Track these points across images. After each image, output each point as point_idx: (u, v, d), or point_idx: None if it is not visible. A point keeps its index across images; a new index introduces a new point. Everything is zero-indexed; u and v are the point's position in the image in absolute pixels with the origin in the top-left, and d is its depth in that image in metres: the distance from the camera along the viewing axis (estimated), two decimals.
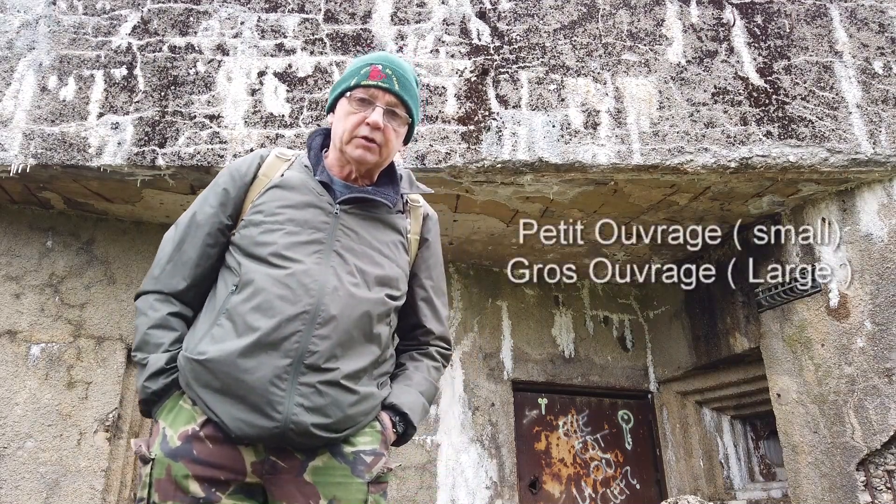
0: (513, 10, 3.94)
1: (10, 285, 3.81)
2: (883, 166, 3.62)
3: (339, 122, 1.65)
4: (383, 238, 1.64)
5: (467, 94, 3.72)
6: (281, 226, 1.55)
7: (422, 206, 1.80)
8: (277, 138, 3.56)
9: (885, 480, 3.46)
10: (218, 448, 1.42)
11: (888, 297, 3.51)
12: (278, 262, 1.50)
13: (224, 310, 1.50)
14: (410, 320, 1.75)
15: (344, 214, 1.60)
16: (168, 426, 1.46)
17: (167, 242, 1.66)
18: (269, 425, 1.39)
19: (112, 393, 3.80)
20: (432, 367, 1.72)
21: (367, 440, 1.52)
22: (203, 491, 1.39)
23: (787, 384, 3.95)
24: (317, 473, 1.44)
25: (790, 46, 3.92)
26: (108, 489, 3.70)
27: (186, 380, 1.48)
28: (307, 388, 1.42)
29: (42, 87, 3.61)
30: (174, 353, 1.53)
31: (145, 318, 1.57)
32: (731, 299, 4.46)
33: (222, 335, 1.46)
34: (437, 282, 1.81)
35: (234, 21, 3.84)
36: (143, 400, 1.52)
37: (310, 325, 1.44)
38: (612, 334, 5.25)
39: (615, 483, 4.94)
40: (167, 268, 1.61)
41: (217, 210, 1.63)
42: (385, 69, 1.63)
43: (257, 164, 1.68)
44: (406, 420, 1.59)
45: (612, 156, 3.60)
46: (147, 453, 1.44)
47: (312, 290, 1.47)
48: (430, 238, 1.79)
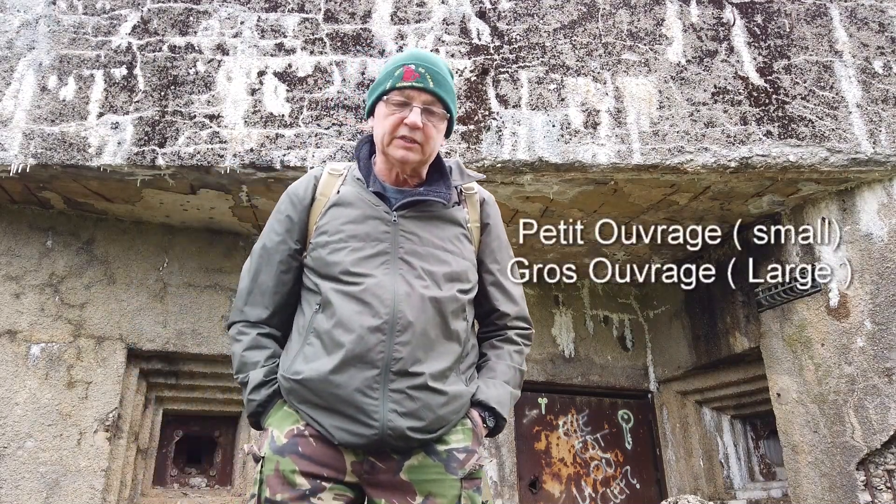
0: (513, 10, 3.94)
1: (10, 285, 3.81)
2: (883, 166, 3.62)
3: (379, 125, 1.69)
4: (444, 234, 1.68)
5: (467, 93, 3.72)
6: (345, 243, 1.61)
7: (476, 192, 1.82)
8: (277, 138, 3.56)
9: (885, 480, 3.46)
10: (321, 447, 1.52)
11: (888, 296, 3.51)
12: (349, 279, 1.57)
13: (312, 329, 1.58)
14: (484, 307, 1.78)
15: (402, 220, 1.64)
16: (275, 428, 1.56)
17: (246, 274, 1.74)
18: (369, 433, 1.48)
19: (112, 393, 3.80)
20: (514, 352, 1.76)
21: (458, 438, 1.58)
22: (308, 483, 1.48)
23: (787, 384, 3.95)
24: (412, 472, 1.52)
25: (790, 46, 3.92)
26: (108, 489, 3.70)
27: (287, 395, 1.58)
28: (398, 395, 1.50)
29: (42, 87, 3.60)
30: (271, 366, 1.63)
31: (238, 343, 1.68)
32: (730, 299, 4.46)
33: (313, 353, 1.55)
34: (503, 264, 1.83)
35: (234, 21, 3.84)
36: (251, 412, 1.62)
37: (390, 334, 1.51)
38: (612, 334, 5.25)
39: (615, 483, 4.94)
40: (249, 298, 1.71)
41: (284, 237, 1.70)
42: (418, 68, 1.66)
43: (314, 185, 1.73)
44: (495, 414, 1.64)
45: (612, 155, 3.60)
46: (258, 452, 1.55)
47: (387, 300, 1.53)
48: (491, 222, 1.82)
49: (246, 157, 3.50)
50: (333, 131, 3.60)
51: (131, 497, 3.90)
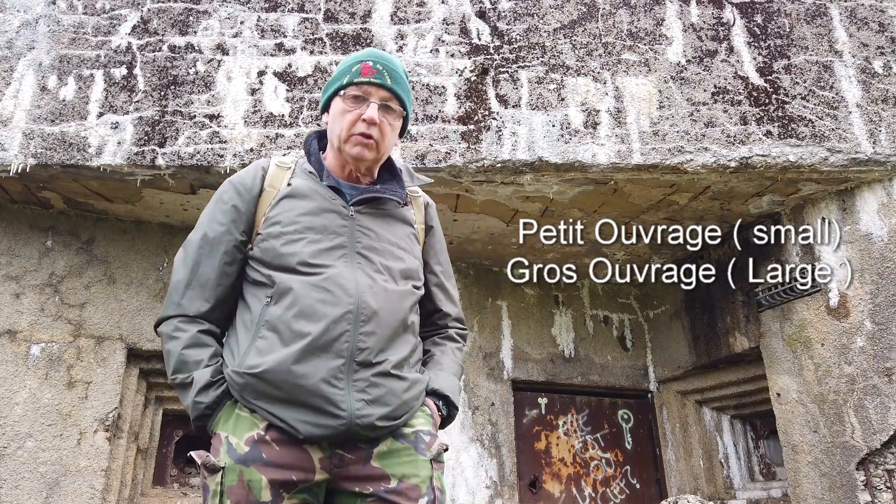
0: (513, 10, 3.94)
1: (10, 285, 3.81)
2: (883, 166, 3.62)
3: (336, 121, 1.67)
4: (398, 232, 1.68)
5: (467, 93, 3.72)
6: (301, 235, 1.57)
7: (421, 196, 1.85)
8: (277, 138, 3.56)
9: (884, 480, 3.46)
10: (286, 450, 1.46)
11: (888, 296, 3.51)
12: (309, 269, 1.54)
13: (263, 321, 1.52)
14: (427, 307, 1.80)
15: (359, 215, 1.64)
16: (230, 434, 1.48)
17: (180, 265, 1.65)
18: (336, 423, 1.44)
19: (112, 393, 3.80)
20: (455, 349, 1.80)
21: (422, 422, 1.59)
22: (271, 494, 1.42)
23: (787, 384, 3.95)
24: (383, 457, 1.50)
25: (790, 46, 3.92)
26: (108, 489, 3.70)
27: (240, 393, 1.50)
28: (363, 383, 1.48)
29: (42, 87, 3.60)
30: (216, 365, 1.55)
31: (176, 340, 1.57)
32: (730, 299, 4.46)
33: (268, 346, 1.49)
34: (445, 266, 1.86)
35: (234, 20, 3.83)
36: (198, 416, 1.53)
37: (355, 324, 1.49)
38: (612, 334, 5.25)
39: (615, 482, 4.94)
40: (187, 292, 1.61)
41: (229, 227, 1.63)
42: (376, 65, 1.66)
43: (262, 176, 1.69)
44: (448, 402, 1.67)
45: (612, 155, 3.60)
46: (215, 462, 1.46)
47: (350, 290, 1.51)
48: (434, 225, 1.85)
49: (246, 157, 3.50)
50: None
51: (131, 497, 3.90)
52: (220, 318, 1.63)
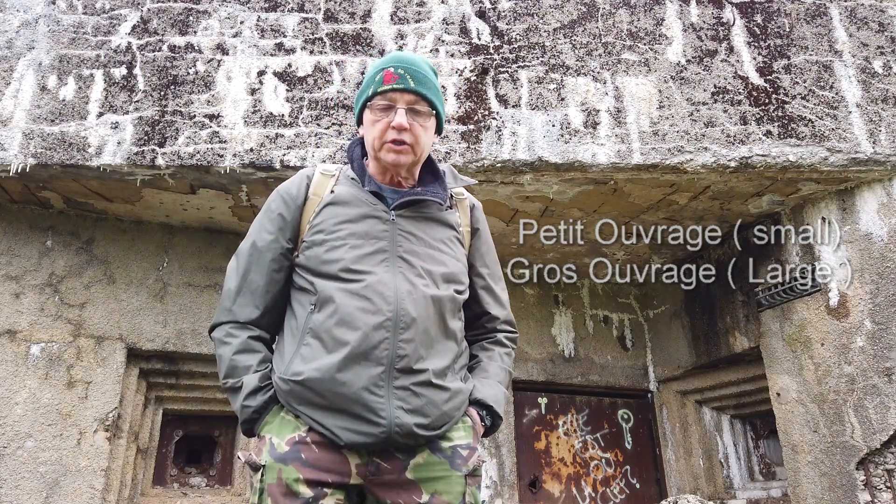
0: (512, 10, 3.94)
1: (9, 285, 3.81)
2: (883, 165, 3.62)
3: (368, 132, 1.70)
4: (440, 236, 1.69)
5: (467, 93, 3.72)
6: (343, 241, 1.60)
7: (467, 198, 1.85)
8: (277, 138, 3.56)
9: (884, 479, 3.46)
10: (324, 452, 1.50)
11: (888, 296, 3.51)
12: (350, 276, 1.56)
13: (308, 329, 1.55)
14: (474, 310, 1.80)
15: (400, 219, 1.65)
16: (274, 436, 1.53)
17: (232, 273, 1.70)
18: (376, 431, 1.46)
19: (112, 392, 3.80)
20: (504, 354, 1.79)
21: (461, 435, 1.59)
22: (311, 491, 1.46)
23: (787, 383, 3.95)
24: (418, 470, 1.52)
25: (790, 46, 3.92)
26: (108, 489, 3.70)
27: (285, 398, 1.55)
28: (403, 392, 1.49)
29: (42, 87, 3.60)
30: (264, 371, 1.59)
31: (227, 346, 1.62)
32: (730, 299, 4.46)
33: (312, 354, 1.52)
34: (492, 268, 1.86)
35: (234, 20, 3.83)
36: (246, 419, 1.58)
37: (394, 331, 1.51)
38: (611, 334, 5.25)
39: (615, 482, 4.94)
40: (238, 299, 1.66)
41: (276, 235, 1.68)
42: (397, 70, 1.67)
43: (306, 185, 1.72)
44: (492, 412, 1.67)
45: (612, 155, 3.60)
46: (257, 461, 1.52)
47: (389, 297, 1.53)
48: (481, 227, 1.85)
49: (246, 157, 3.50)
50: (333, 131, 3.59)
51: (131, 497, 3.90)
52: (271, 324, 1.67)
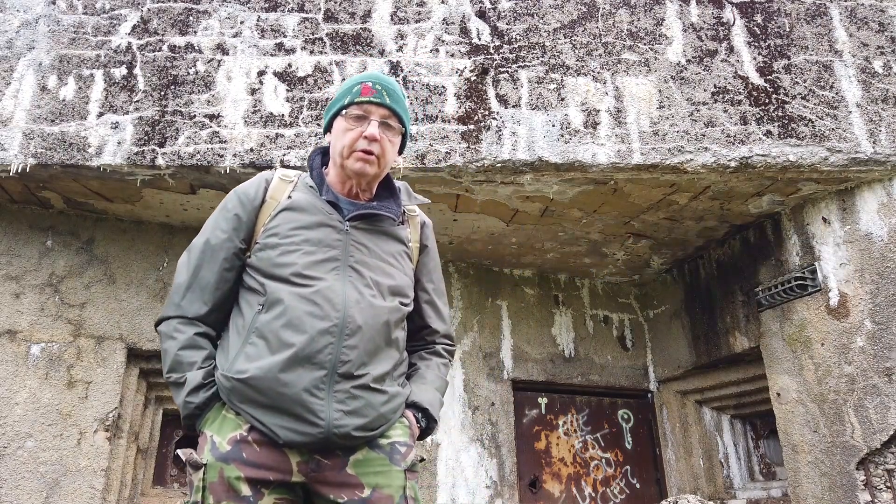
0: (513, 10, 3.94)
1: (10, 285, 3.81)
2: (883, 165, 3.62)
3: (338, 139, 1.75)
4: (390, 249, 1.75)
5: (467, 93, 3.72)
6: (297, 247, 1.64)
7: (418, 215, 1.92)
8: (277, 138, 3.56)
9: (884, 479, 3.46)
10: (265, 451, 1.53)
11: (888, 296, 3.51)
12: (301, 280, 1.60)
13: (254, 328, 1.59)
14: (417, 322, 1.87)
15: (354, 230, 1.70)
16: (215, 434, 1.56)
17: (183, 268, 1.72)
18: (314, 431, 1.50)
19: (112, 392, 3.80)
20: (441, 364, 1.87)
21: (399, 433, 1.65)
22: (251, 490, 1.50)
23: (787, 383, 3.95)
24: (358, 465, 1.57)
25: (790, 46, 3.92)
26: (108, 488, 3.70)
27: (227, 395, 1.58)
28: (343, 395, 1.54)
29: (42, 87, 3.60)
30: (209, 368, 1.62)
31: (173, 340, 1.65)
32: (730, 299, 4.46)
33: (256, 353, 1.56)
34: (437, 284, 1.94)
35: (234, 20, 3.83)
36: (188, 415, 1.62)
37: (339, 337, 1.55)
38: (611, 334, 5.25)
39: (615, 482, 4.94)
40: (187, 294, 1.68)
41: (230, 234, 1.71)
42: (375, 85, 1.75)
43: (264, 188, 1.76)
44: (427, 415, 1.73)
45: (612, 155, 3.60)
46: (198, 459, 1.55)
47: (338, 304, 1.58)
48: (429, 244, 1.93)
49: (246, 157, 3.50)
50: None
51: (131, 497, 3.90)
52: (217, 321, 1.70)
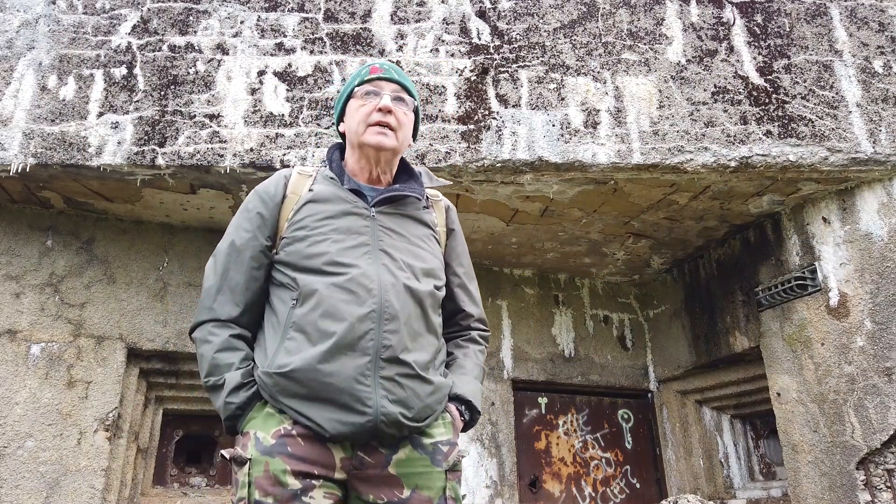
0: (513, 10, 3.94)
1: (10, 284, 3.81)
2: (883, 165, 3.62)
3: (352, 117, 1.77)
4: (418, 233, 1.74)
5: (467, 93, 3.72)
6: (326, 236, 1.63)
7: (441, 199, 1.91)
8: (277, 138, 3.56)
9: (884, 479, 3.46)
10: (309, 445, 1.51)
11: (888, 296, 3.51)
12: (334, 269, 1.59)
13: (291, 323, 1.57)
14: (449, 307, 1.85)
15: (380, 216, 1.70)
16: (258, 430, 1.54)
17: (211, 273, 1.72)
18: (362, 420, 1.48)
19: (112, 392, 3.80)
20: (478, 352, 1.85)
21: (441, 431, 1.62)
22: (300, 482, 1.47)
23: (787, 383, 3.95)
24: (400, 465, 1.55)
25: (790, 45, 3.92)
26: (109, 488, 3.70)
27: (270, 393, 1.56)
28: (389, 382, 1.52)
29: (42, 87, 3.60)
30: (247, 368, 1.61)
31: (208, 344, 1.63)
32: (730, 298, 4.46)
33: (296, 347, 1.54)
34: (467, 268, 1.93)
35: (234, 20, 3.83)
36: (229, 416, 1.59)
37: (379, 322, 1.54)
38: (612, 333, 5.25)
39: (615, 482, 4.94)
40: (218, 297, 1.67)
41: (254, 233, 1.70)
42: (383, 65, 1.81)
43: (284, 184, 1.76)
44: (471, 407, 1.71)
45: (612, 155, 3.60)
46: (242, 454, 1.53)
47: (374, 289, 1.56)
48: (456, 228, 1.92)
49: (246, 157, 3.50)
50: (333, 131, 3.59)
51: (131, 497, 3.90)
52: (251, 322, 1.69)
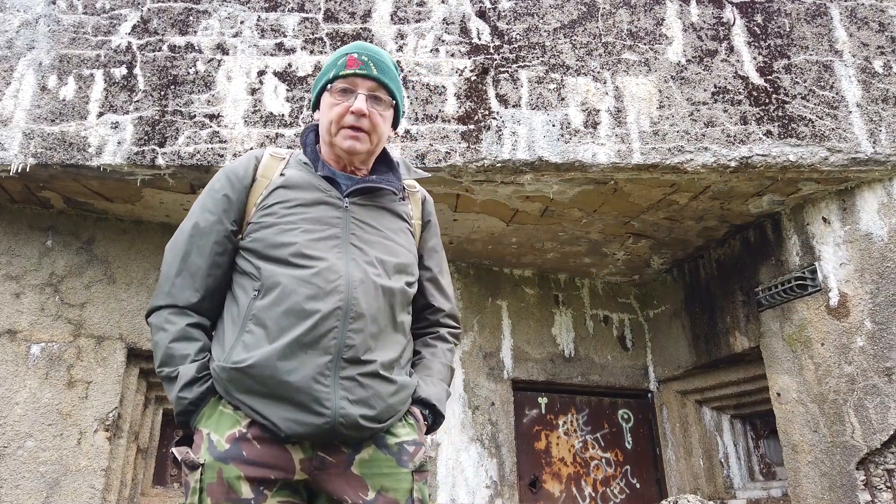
0: (513, 10, 3.94)
1: (10, 284, 3.81)
2: (883, 165, 3.62)
3: (325, 115, 1.66)
4: (392, 226, 1.66)
5: (467, 93, 3.72)
6: (295, 225, 1.54)
7: (419, 191, 1.83)
8: (277, 137, 3.56)
9: (884, 479, 3.46)
10: (266, 448, 1.43)
11: (888, 296, 3.51)
12: (301, 261, 1.50)
13: (251, 316, 1.49)
14: (419, 302, 1.76)
15: (353, 207, 1.61)
16: (212, 431, 1.46)
17: (171, 255, 1.62)
18: (319, 421, 1.40)
19: (112, 392, 3.80)
20: (447, 350, 1.76)
21: (406, 431, 1.55)
22: (252, 492, 1.39)
23: (787, 383, 3.95)
24: (364, 466, 1.47)
25: (790, 45, 3.92)
26: (109, 488, 3.70)
27: (225, 388, 1.47)
28: (349, 382, 1.44)
29: (42, 87, 3.60)
30: (202, 361, 1.52)
31: (164, 332, 1.54)
32: (731, 298, 4.46)
33: (255, 341, 1.46)
34: (441, 261, 1.84)
35: (234, 20, 3.83)
36: (181, 411, 1.50)
37: (344, 321, 1.46)
38: (612, 333, 5.25)
39: (615, 482, 4.94)
40: (177, 281, 1.58)
41: (220, 216, 1.61)
42: (361, 56, 1.65)
43: (254, 166, 1.66)
44: (435, 411, 1.64)
45: (612, 155, 3.60)
46: (195, 459, 1.44)
47: (341, 285, 1.48)
48: (431, 220, 1.83)
49: None
50: None
51: (131, 497, 3.90)
52: (211, 309, 1.60)
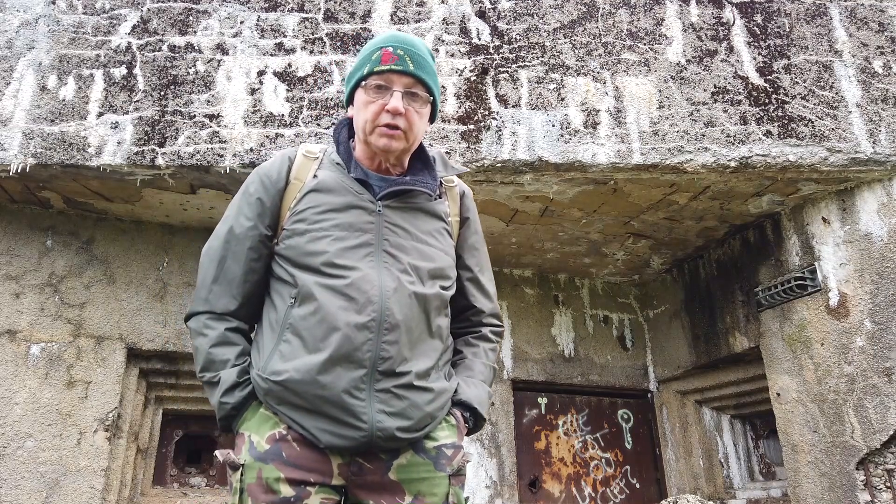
0: (512, 10, 3.94)
1: (9, 285, 3.81)
2: (882, 165, 3.62)
3: (359, 113, 1.60)
4: (428, 228, 1.61)
5: (467, 93, 3.72)
6: (327, 232, 1.52)
7: (457, 185, 1.77)
8: (277, 137, 3.56)
9: (884, 479, 3.46)
10: (305, 451, 1.44)
11: (888, 296, 3.51)
12: (333, 271, 1.48)
13: (287, 324, 1.48)
14: (460, 303, 1.72)
15: (387, 210, 1.57)
16: (253, 433, 1.47)
17: (208, 259, 1.61)
18: (357, 435, 1.41)
19: (112, 392, 3.80)
20: (489, 350, 1.73)
21: (445, 434, 1.54)
22: (293, 490, 1.40)
23: (787, 383, 3.95)
24: (401, 471, 1.47)
25: (790, 46, 3.92)
26: (108, 488, 3.70)
27: (263, 397, 1.48)
28: (385, 394, 1.43)
29: (41, 87, 3.60)
30: (243, 365, 1.52)
31: (204, 338, 1.54)
32: (730, 298, 4.46)
33: (291, 351, 1.46)
34: (481, 259, 1.80)
35: (234, 20, 3.83)
36: (224, 416, 1.51)
37: (378, 333, 1.44)
38: (611, 333, 5.25)
39: (615, 482, 4.94)
40: (214, 288, 1.57)
41: (255, 222, 1.59)
42: (396, 50, 1.58)
43: (287, 168, 1.63)
44: (476, 414, 1.61)
45: (612, 155, 3.60)
46: (236, 460, 1.45)
47: (374, 296, 1.46)
48: (471, 216, 1.78)
49: (245, 157, 3.50)
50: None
51: (131, 497, 3.90)
52: (249, 315, 1.60)
